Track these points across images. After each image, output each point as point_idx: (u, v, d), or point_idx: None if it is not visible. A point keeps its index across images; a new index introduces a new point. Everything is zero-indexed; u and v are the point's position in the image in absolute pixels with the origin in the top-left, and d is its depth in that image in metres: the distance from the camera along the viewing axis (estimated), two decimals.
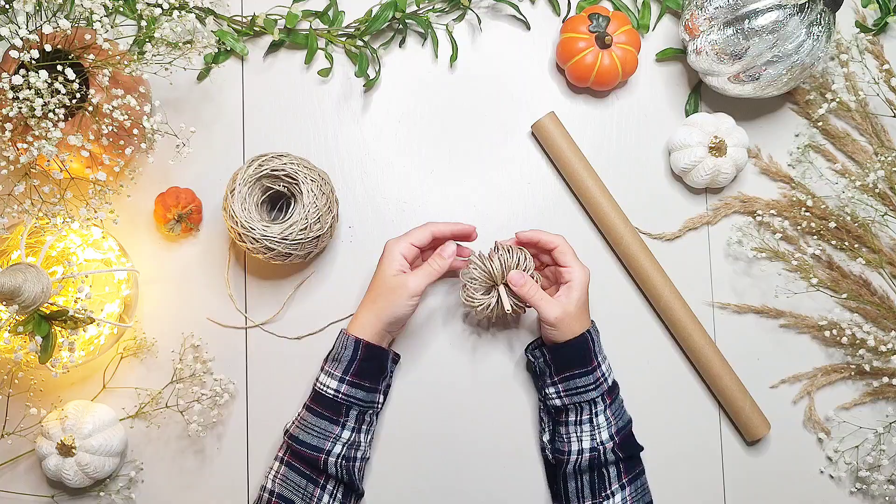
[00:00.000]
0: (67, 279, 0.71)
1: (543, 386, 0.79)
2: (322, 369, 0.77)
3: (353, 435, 0.76)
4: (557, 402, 0.77)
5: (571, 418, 0.77)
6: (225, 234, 0.84)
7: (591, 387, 0.76)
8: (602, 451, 0.75)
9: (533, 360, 0.80)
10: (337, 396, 0.75)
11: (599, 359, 0.77)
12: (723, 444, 0.85)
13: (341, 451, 0.74)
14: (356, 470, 0.75)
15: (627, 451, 0.76)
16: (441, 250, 0.77)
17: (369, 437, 0.78)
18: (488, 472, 0.83)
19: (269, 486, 0.75)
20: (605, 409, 0.76)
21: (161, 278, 0.83)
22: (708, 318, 0.86)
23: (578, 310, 0.75)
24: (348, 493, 0.76)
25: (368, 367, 0.76)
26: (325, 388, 0.75)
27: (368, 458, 0.79)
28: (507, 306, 0.76)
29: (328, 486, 0.74)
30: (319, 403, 0.75)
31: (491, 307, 0.77)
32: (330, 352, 0.78)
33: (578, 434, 0.76)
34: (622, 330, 0.85)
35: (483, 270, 0.77)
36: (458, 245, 0.79)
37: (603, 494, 0.75)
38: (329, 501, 0.74)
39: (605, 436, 0.75)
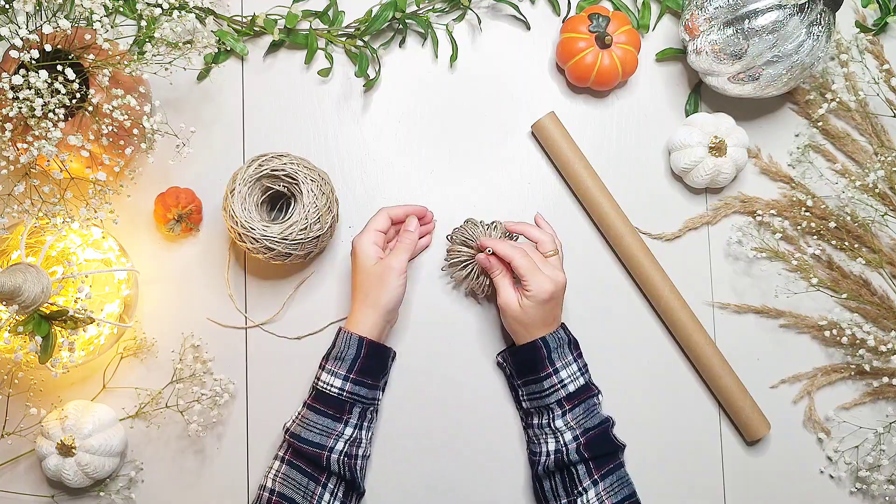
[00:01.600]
0: (67, 279, 0.71)
1: (513, 388, 0.82)
2: (323, 368, 0.77)
3: (356, 432, 0.76)
4: (524, 404, 0.80)
5: (535, 421, 0.79)
6: (225, 234, 0.84)
7: (546, 393, 0.77)
8: (566, 452, 0.75)
9: (503, 362, 0.82)
10: (341, 395, 0.75)
11: (557, 366, 0.77)
12: (723, 444, 0.85)
13: (343, 448, 0.74)
14: (357, 468, 0.75)
15: (597, 451, 0.75)
16: (405, 225, 0.80)
17: (370, 434, 0.78)
18: (484, 469, 0.83)
19: (269, 485, 0.74)
20: (563, 415, 0.76)
21: (161, 278, 0.83)
22: (708, 318, 0.86)
23: (534, 317, 0.76)
24: (349, 491, 0.75)
25: (371, 364, 0.76)
26: (328, 387, 0.75)
27: (369, 457, 0.79)
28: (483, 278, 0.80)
29: (329, 483, 0.74)
30: (322, 402, 0.75)
31: (469, 275, 0.80)
32: (330, 350, 0.77)
33: (543, 436, 0.77)
34: (622, 330, 0.85)
35: (464, 237, 0.80)
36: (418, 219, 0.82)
37: (575, 492, 0.75)
38: (330, 500, 0.74)
39: (568, 437, 0.76)
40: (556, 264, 0.77)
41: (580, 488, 0.75)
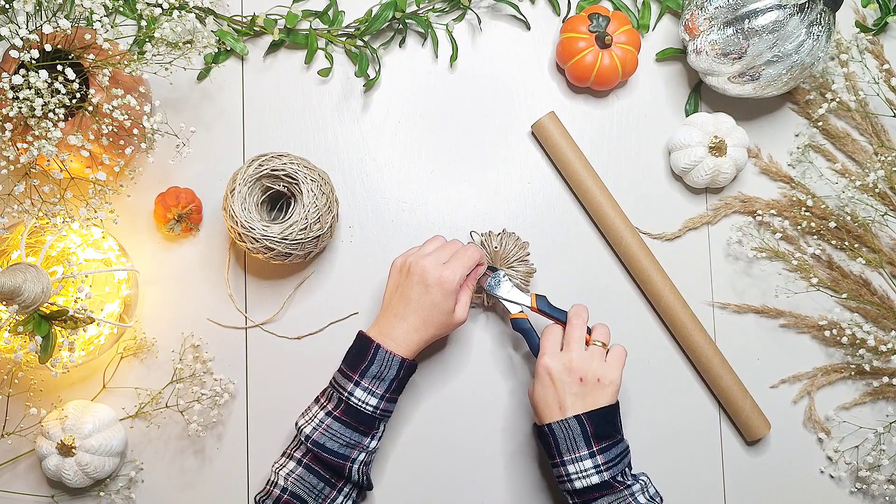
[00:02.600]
0: (67, 279, 0.71)
1: None
2: (357, 384, 0.72)
3: (378, 442, 0.74)
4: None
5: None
6: (225, 234, 0.84)
7: (558, 480, 0.73)
8: None
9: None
10: (375, 413, 0.73)
11: (565, 458, 0.71)
12: (723, 444, 0.85)
13: (364, 458, 0.73)
14: (370, 470, 0.76)
15: None
16: (472, 279, 0.77)
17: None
18: (488, 470, 0.83)
19: (280, 482, 0.73)
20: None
21: (161, 278, 0.83)
22: (708, 318, 0.86)
23: (540, 395, 0.73)
24: (361, 490, 0.76)
25: (405, 382, 0.75)
26: (363, 405, 0.72)
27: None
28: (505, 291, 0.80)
29: (345, 489, 0.73)
30: (353, 417, 0.72)
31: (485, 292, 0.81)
32: (365, 366, 0.72)
33: None
34: (622, 330, 0.85)
35: (484, 250, 0.80)
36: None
37: None
38: (343, 501, 0.73)
39: None
40: (592, 354, 0.73)
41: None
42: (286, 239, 0.75)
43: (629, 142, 0.88)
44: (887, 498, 0.84)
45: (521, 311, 0.79)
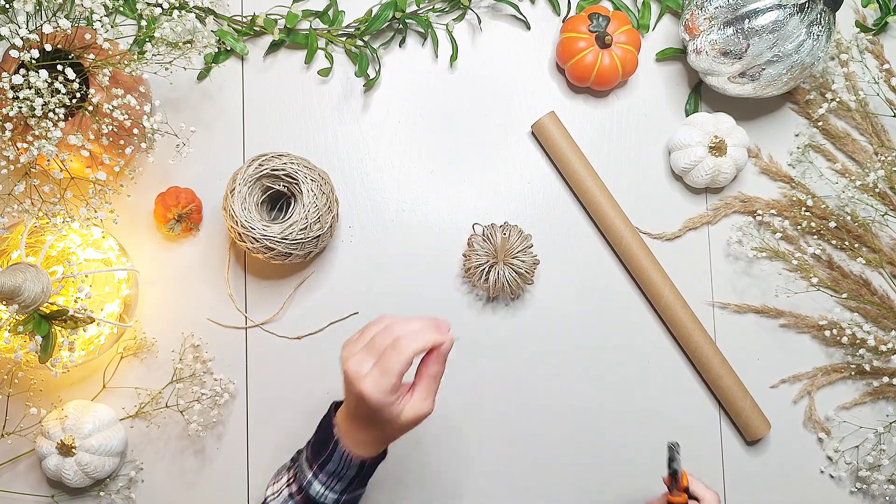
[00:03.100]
0: (67, 279, 0.71)
1: None
2: (315, 475, 0.64)
3: None
4: None
5: None
6: (225, 234, 0.84)
7: None
8: None
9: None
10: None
11: None
12: (723, 444, 0.85)
13: None
14: None
15: None
16: (437, 357, 0.62)
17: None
18: (499, 478, 0.83)
19: None
20: None
21: (161, 278, 0.83)
22: (708, 318, 0.86)
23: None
24: None
25: (369, 476, 0.66)
26: (322, 499, 0.64)
27: None
28: (505, 282, 0.80)
29: None
30: None
31: (491, 281, 0.80)
32: (323, 460, 0.64)
33: None
34: (622, 330, 0.85)
35: (488, 243, 0.80)
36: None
37: None
38: None
39: None
40: None
41: None
42: (286, 239, 0.75)
43: (629, 142, 0.88)
44: (887, 498, 0.84)
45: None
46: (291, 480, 0.67)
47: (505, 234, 0.80)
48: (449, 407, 0.83)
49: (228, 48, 0.86)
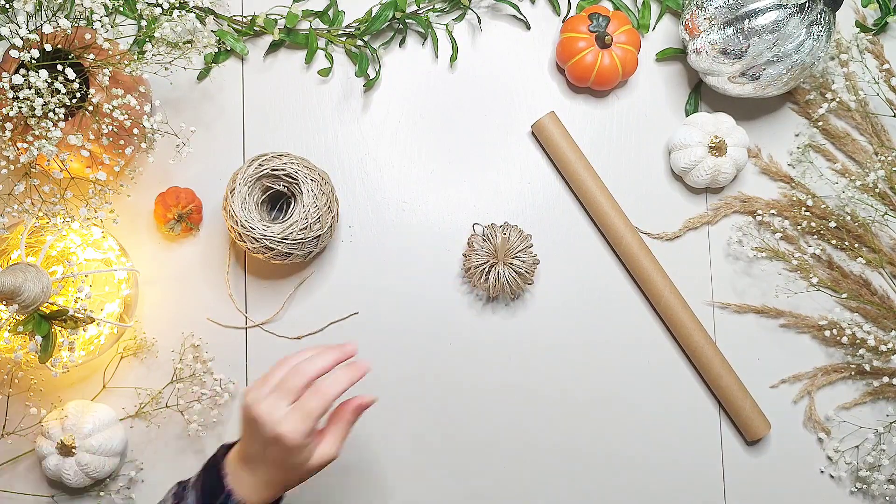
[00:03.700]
0: (67, 279, 0.71)
1: None
2: None
3: None
4: None
5: None
6: (225, 234, 0.84)
7: None
8: None
9: None
10: None
11: None
12: (723, 444, 0.85)
13: None
14: None
15: None
16: (358, 407, 0.63)
17: None
18: (499, 472, 0.83)
19: None
20: None
21: (161, 278, 0.83)
22: (708, 318, 0.86)
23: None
24: None
25: None
26: None
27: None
28: (505, 282, 0.80)
29: None
30: None
31: (491, 281, 0.80)
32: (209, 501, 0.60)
33: None
34: (622, 330, 0.85)
35: (488, 243, 0.80)
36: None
37: None
38: None
39: None
40: None
41: None
42: (286, 239, 0.75)
43: (629, 142, 0.88)
44: (887, 498, 0.84)
45: None
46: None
47: (505, 234, 0.80)
48: (448, 406, 0.83)
49: (228, 48, 0.86)
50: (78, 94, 0.69)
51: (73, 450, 0.75)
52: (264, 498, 0.61)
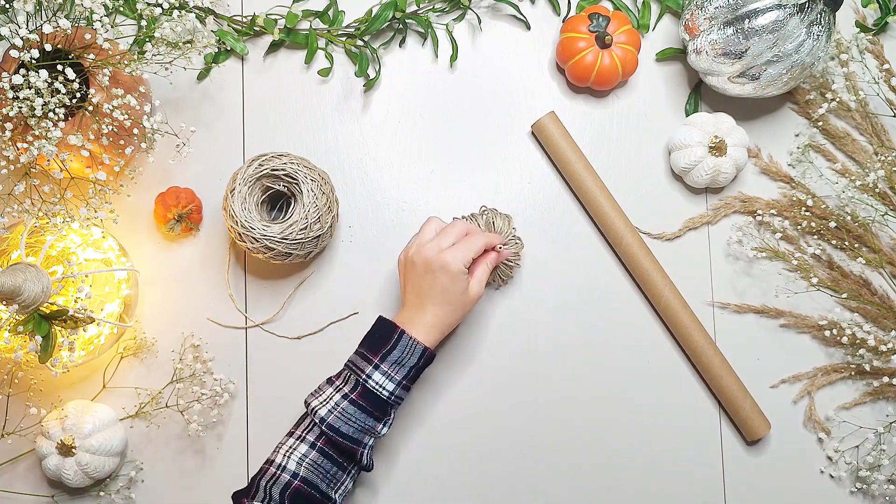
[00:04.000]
0: (67, 279, 0.71)
1: None
2: (375, 366, 0.72)
3: (388, 430, 0.74)
4: None
5: None
6: (225, 234, 0.84)
7: None
8: None
9: None
10: (390, 399, 0.72)
11: None
12: (723, 444, 0.85)
13: (373, 443, 0.73)
14: (373, 453, 0.75)
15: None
16: (498, 255, 0.78)
17: None
18: (500, 458, 0.83)
19: (290, 466, 0.71)
20: None
21: (161, 278, 0.83)
22: (708, 318, 0.86)
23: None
24: (361, 471, 0.75)
25: (422, 371, 0.74)
26: (380, 389, 0.71)
27: None
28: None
29: (353, 471, 0.73)
30: (368, 400, 0.71)
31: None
32: (387, 350, 0.72)
33: None
34: (622, 330, 0.85)
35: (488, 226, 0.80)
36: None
37: None
38: (349, 484, 0.73)
39: None
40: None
41: None
42: (286, 239, 0.75)
43: (629, 142, 0.88)
44: (887, 498, 0.84)
45: None
46: (342, 384, 0.73)
47: (488, 220, 0.81)
48: (447, 406, 0.83)
49: (228, 48, 0.86)
50: (78, 94, 0.69)
51: (73, 450, 0.75)
52: (433, 337, 0.73)
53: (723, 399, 0.84)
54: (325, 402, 0.72)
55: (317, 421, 0.71)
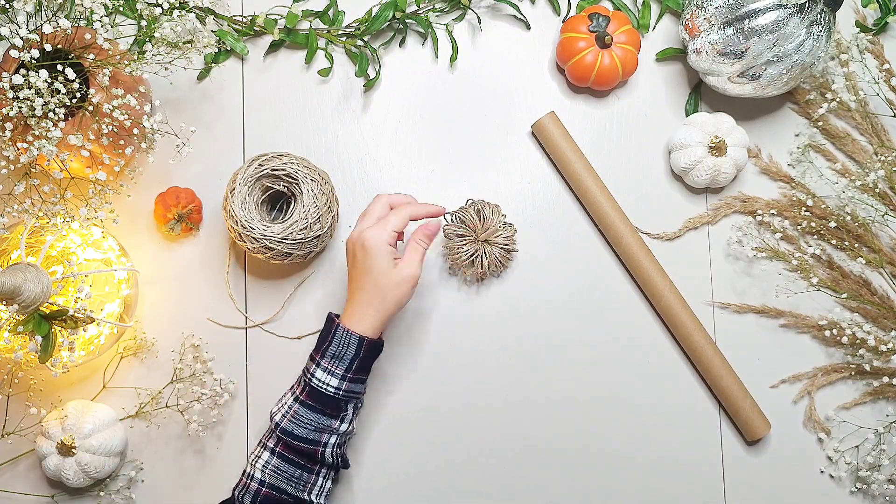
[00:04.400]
0: (67, 279, 0.71)
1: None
2: (318, 364, 0.72)
3: (349, 426, 0.75)
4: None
5: None
6: (225, 234, 0.84)
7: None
8: None
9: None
10: (338, 394, 0.72)
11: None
12: (723, 444, 0.85)
13: (336, 441, 0.73)
14: (346, 450, 0.76)
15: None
16: (425, 229, 0.74)
17: (357, 418, 0.77)
18: (483, 456, 0.83)
19: (256, 475, 0.72)
20: None
21: (161, 278, 0.83)
22: (708, 318, 0.86)
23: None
24: (338, 471, 0.75)
25: (367, 362, 0.74)
26: (324, 386, 0.72)
27: (355, 432, 0.78)
28: (485, 261, 0.80)
29: (322, 470, 0.73)
30: (316, 399, 0.72)
31: (474, 261, 0.80)
32: (325, 346, 0.73)
33: None
34: (622, 330, 0.85)
35: (465, 224, 0.80)
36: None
37: None
38: (322, 483, 0.73)
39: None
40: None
41: None
42: (286, 239, 0.75)
43: (629, 142, 0.88)
44: (887, 498, 0.84)
45: None
46: (296, 387, 0.74)
47: (477, 211, 0.80)
48: (446, 405, 0.83)
49: (228, 48, 0.86)
50: (78, 94, 0.69)
51: (73, 450, 0.75)
52: (369, 324, 0.72)
53: (723, 399, 0.84)
54: (280, 408, 0.74)
55: (273, 427, 0.73)
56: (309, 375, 0.73)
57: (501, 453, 0.83)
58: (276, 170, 0.77)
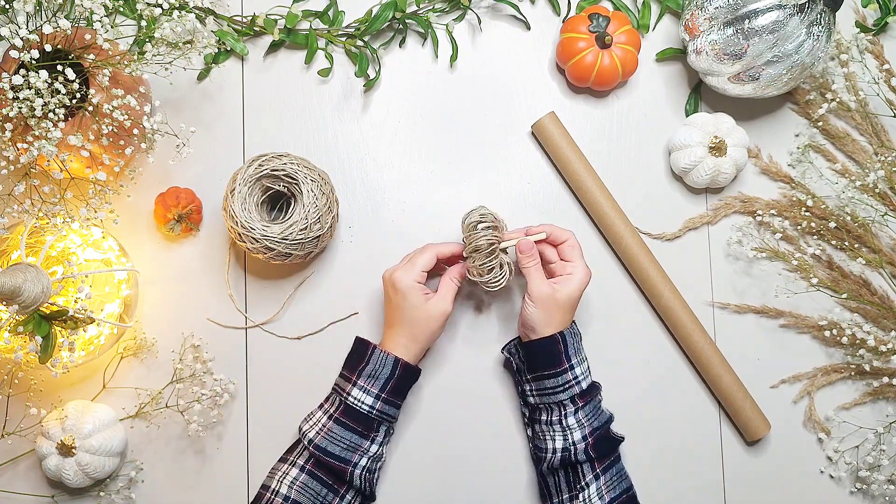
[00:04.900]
0: (67, 279, 0.71)
1: (519, 383, 0.81)
2: (354, 384, 0.75)
3: (379, 448, 0.76)
4: (531, 400, 0.79)
5: (544, 417, 0.77)
6: (225, 234, 0.84)
7: (560, 389, 0.76)
8: (573, 452, 0.74)
9: (509, 356, 0.81)
10: (371, 413, 0.74)
11: (573, 361, 0.76)
12: (723, 444, 0.85)
13: (366, 463, 0.74)
14: (376, 480, 0.77)
15: (601, 451, 0.75)
16: (460, 269, 0.78)
17: (388, 447, 0.79)
18: (486, 468, 0.83)
19: (282, 490, 0.73)
20: (575, 412, 0.76)
21: (161, 278, 0.83)
22: (708, 318, 0.86)
23: (564, 305, 0.75)
24: (364, 499, 0.77)
25: (402, 385, 0.76)
26: (359, 404, 0.74)
27: (384, 465, 0.80)
28: (507, 271, 0.77)
29: (347, 495, 0.74)
30: (351, 417, 0.75)
31: (497, 273, 0.76)
32: (362, 366, 0.76)
33: (551, 433, 0.76)
34: (622, 330, 0.85)
35: (490, 233, 0.75)
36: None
37: (578, 487, 0.75)
38: None
39: (577, 436, 0.75)
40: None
41: (582, 483, 0.75)
42: (286, 239, 0.75)
43: (629, 142, 0.88)
44: (887, 498, 0.84)
45: None
46: (329, 406, 0.77)
47: (492, 219, 0.76)
48: (446, 404, 0.83)
49: (228, 48, 0.86)
50: (78, 95, 0.69)
51: (73, 450, 0.75)
52: (404, 352, 0.76)
53: (723, 399, 0.84)
54: (313, 426, 0.76)
55: (305, 443, 0.75)
56: (345, 394, 0.76)
57: (498, 452, 0.83)
58: (276, 170, 0.77)
